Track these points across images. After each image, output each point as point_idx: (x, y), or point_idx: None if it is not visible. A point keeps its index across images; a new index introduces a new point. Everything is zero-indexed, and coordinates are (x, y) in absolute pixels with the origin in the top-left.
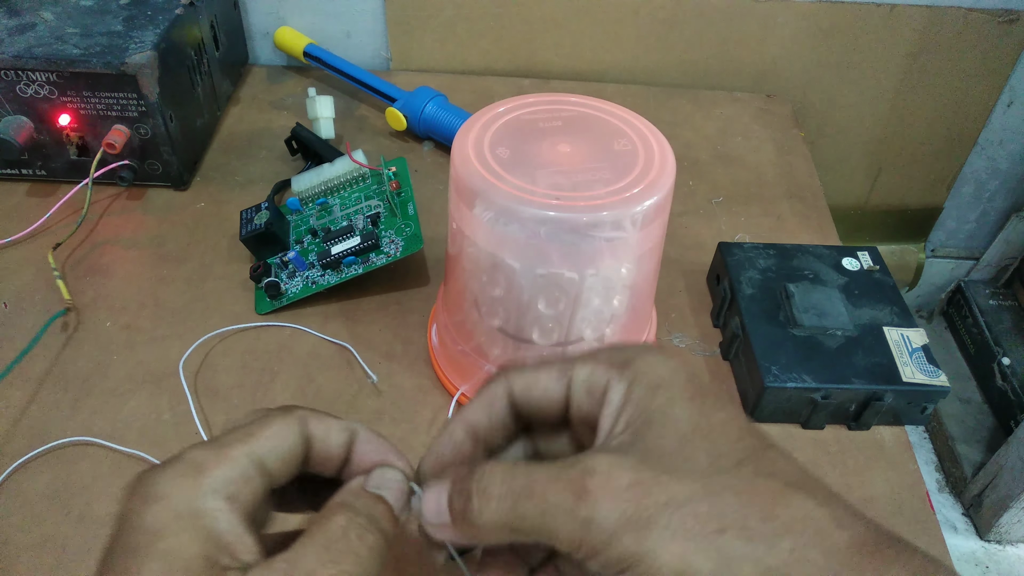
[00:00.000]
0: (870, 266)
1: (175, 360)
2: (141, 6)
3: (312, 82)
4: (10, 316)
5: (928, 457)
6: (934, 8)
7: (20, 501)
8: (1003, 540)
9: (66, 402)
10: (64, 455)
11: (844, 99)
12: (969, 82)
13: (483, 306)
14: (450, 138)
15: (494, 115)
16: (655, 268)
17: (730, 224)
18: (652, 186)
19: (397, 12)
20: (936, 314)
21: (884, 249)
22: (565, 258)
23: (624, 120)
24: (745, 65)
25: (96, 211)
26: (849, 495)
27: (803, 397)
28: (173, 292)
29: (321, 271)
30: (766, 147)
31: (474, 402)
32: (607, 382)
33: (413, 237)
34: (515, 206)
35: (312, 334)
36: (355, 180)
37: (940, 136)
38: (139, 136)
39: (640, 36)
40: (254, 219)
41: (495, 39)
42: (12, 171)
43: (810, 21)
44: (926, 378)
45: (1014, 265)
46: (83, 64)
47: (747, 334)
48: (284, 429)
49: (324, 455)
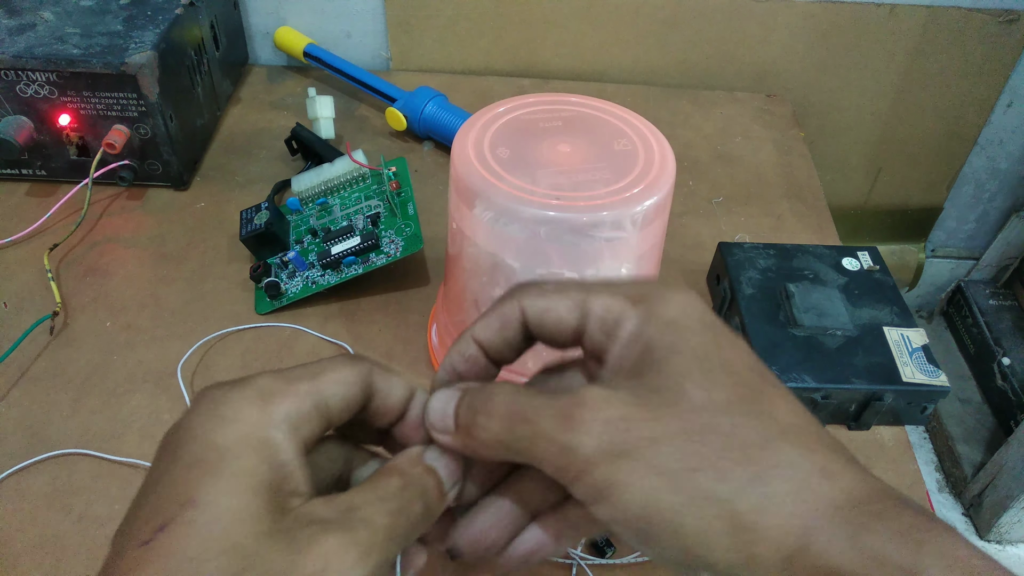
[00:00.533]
0: (870, 266)
1: (175, 360)
2: (141, 6)
3: (312, 82)
4: (9, 316)
5: (928, 457)
6: (934, 8)
7: (20, 501)
8: (1003, 540)
9: (66, 402)
10: (64, 456)
11: (844, 99)
12: (969, 82)
13: (483, 306)
14: (450, 138)
15: (494, 115)
16: (655, 268)
17: (730, 224)
18: (652, 186)
19: (397, 12)
20: (936, 314)
21: (884, 249)
22: (565, 258)
23: (624, 120)
24: (745, 65)
25: (96, 211)
26: None
27: (803, 397)
28: (173, 292)
29: (321, 271)
30: (766, 147)
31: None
32: (620, 316)
33: (413, 237)
34: (515, 206)
35: (312, 334)
36: (355, 180)
37: (940, 136)
38: (139, 136)
39: (640, 36)
40: (254, 219)
41: (495, 39)
42: (12, 171)
43: (810, 21)
44: (926, 378)
45: (1014, 265)
46: (83, 64)
47: (747, 334)
48: (351, 375)
49: (383, 408)
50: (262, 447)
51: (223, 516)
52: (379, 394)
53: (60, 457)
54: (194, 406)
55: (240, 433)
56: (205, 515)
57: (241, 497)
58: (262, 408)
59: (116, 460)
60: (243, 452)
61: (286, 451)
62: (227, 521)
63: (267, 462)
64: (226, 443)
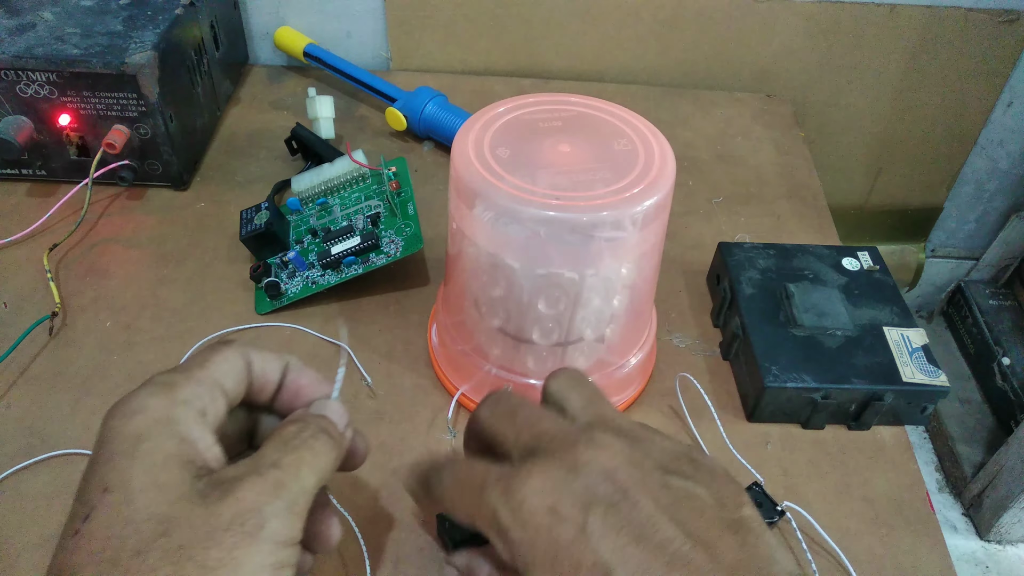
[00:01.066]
0: (870, 266)
1: (175, 360)
2: (141, 6)
3: (312, 82)
4: (9, 316)
5: (928, 457)
6: (934, 8)
7: (20, 501)
8: (1003, 540)
9: (66, 402)
10: (64, 456)
11: (844, 99)
12: (969, 82)
13: (483, 306)
14: (450, 138)
15: (494, 115)
16: (655, 268)
17: (730, 224)
18: (652, 186)
19: (397, 12)
20: (936, 314)
21: (884, 249)
22: (565, 258)
23: (624, 120)
24: (745, 65)
25: (96, 211)
26: (849, 495)
27: (803, 397)
28: (173, 292)
29: (321, 271)
30: (766, 147)
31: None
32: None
33: (413, 237)
34: (515, 206)
35: (312, 334)
36: (355, 180)
37: (940, 136)
38: (139, 136)
39: (640, 36)
40: (254, 219)
41: (495, 39)
42: (12, 171)
43: (810, 21)
44: (926, 378)
45: (1014, 265)
46: (83, 64)
47: (747, 334)
48: (232, 355)
49: (262, 381)
50: (169, 426)
51: (139, 494)
52: (256, 368)
53: (60, 457)
54: (107, 415)
55: (148, 419)
56: (121, 496)
57: (154, 473)
58: (165, 395)
59: None
60: (152, 434)
61: (191, 428)
62: (144, 497)
63: (175, 438)
64: (136, 430)
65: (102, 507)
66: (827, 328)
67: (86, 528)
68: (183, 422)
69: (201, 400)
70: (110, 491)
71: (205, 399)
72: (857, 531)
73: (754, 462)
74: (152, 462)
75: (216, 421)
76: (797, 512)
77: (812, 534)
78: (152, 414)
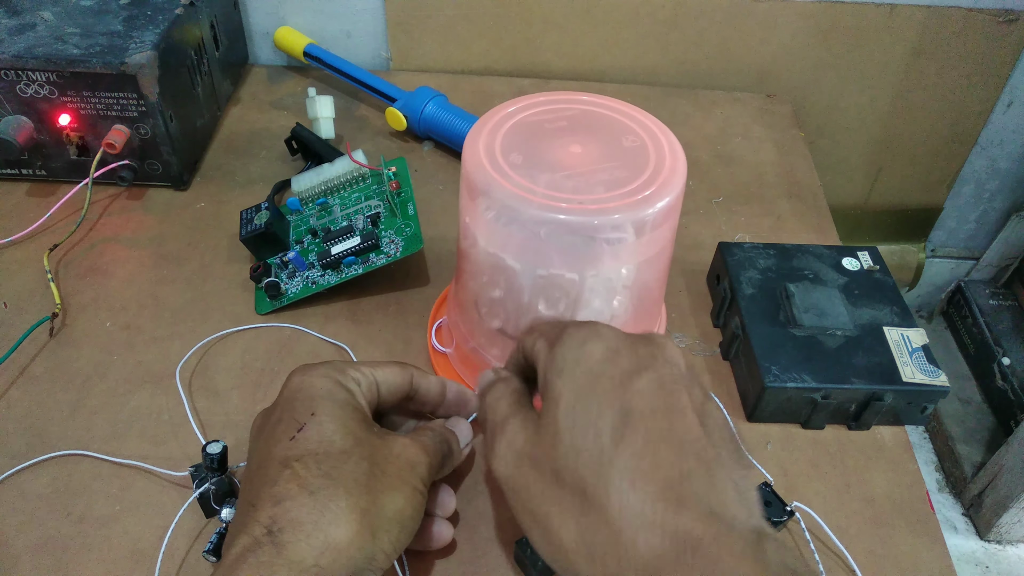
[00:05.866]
0: (870, 266)
1: (175, 360)
2: (141, 6)
3: (312, 82)
4: (9, 316)
5: (928, 457)
6: (934, 8)
7: (20, 502)
8: (1003, 540)
9: (66, 402)
10: (64, 456)
11: (844, 99)
12: (969, 82)
13: (483, 307)
14: (450, 138)
15: (504, 115)
16: (665, 268)
17: (730, 224)
18: (664, 187)
19: (397, 12)
20: (936, 314)
21: (884, 249)
22: (565, 258)
23: (634, 119)
24: (745, 65)
25: (96, 211)
26: (849, 495)
27: (803, 397)
28: (173, 292)
29: (321, 271)
30: (766, 147)
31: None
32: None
33: (413, 237)
34: (518, 206)
35: (312, 334)
36: (355, 180)
37: (940, 136)
38: (139, 136)
39: (640, 36)
40: (254, 219)
41: (495, 39)
42: (12, 171)
43: (810, 21)
44: (926, 378)
45: (1014, 265)
46: (83, 64)
47: (747, 334)
48: (398, 371)
49: (426, 397)
50: (346, 393)
51: (337, 420)
52: (422, 387)
53: (60, 457)
54: (288, 380)
55: (329, 385)
56: (327, 417)
57: (343, 410)
58: (339, 375)
59: (116, 461)
60: (332, 389)
61: (361, 399)
62: (341, 420)
63: (347, 393)
64: (323, 390)
65: (313, 424)
66: (827, 328)
67: (301, 435)
68: (356, 394)
69: (359, 384)
70: (316, 415)
71: (363, 384)
72: (857, 531)
73: (754, 462)
74: (338, 402)
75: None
76: (806, 512)
77: (820, 535)
78: (330, 384)
